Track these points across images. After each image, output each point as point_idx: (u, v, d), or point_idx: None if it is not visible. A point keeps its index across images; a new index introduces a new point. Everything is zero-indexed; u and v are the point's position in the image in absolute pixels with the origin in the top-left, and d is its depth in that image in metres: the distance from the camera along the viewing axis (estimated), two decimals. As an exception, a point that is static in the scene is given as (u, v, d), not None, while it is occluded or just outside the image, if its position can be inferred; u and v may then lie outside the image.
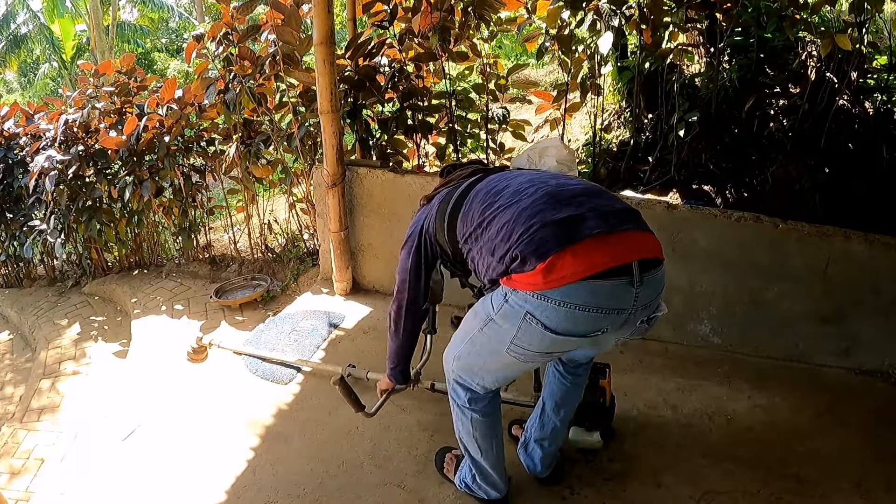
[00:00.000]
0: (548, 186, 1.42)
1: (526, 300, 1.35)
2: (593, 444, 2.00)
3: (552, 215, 1.33)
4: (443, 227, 1.62)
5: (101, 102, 4.11)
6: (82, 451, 2.63)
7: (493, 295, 1.47)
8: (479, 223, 1.47)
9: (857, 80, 3.33)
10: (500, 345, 1.45)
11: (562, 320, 1.31)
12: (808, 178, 3.19)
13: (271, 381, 2.58)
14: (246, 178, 3.94)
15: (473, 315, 1.55)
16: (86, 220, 4.23)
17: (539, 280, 1.30)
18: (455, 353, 1.62)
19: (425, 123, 3.65)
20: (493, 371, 1.56)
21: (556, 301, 1.30)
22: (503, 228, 1.39)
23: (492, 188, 1.52)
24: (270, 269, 4.18)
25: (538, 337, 1.36)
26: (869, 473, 1.94)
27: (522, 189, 1.44)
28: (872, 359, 2.51)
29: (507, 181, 1.51)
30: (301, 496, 1.96)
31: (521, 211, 1.37)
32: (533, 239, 1.31)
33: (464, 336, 1.58)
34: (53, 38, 14.42)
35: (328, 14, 2.76)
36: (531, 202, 1.38)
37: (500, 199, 1.46)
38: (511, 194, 1.44)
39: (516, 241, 1.34)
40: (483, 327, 1.49)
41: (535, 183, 1.45)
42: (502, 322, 1.42)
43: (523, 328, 1.37)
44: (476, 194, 1.55)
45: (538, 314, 1.33)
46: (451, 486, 1.95)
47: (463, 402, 1.67)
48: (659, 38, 3.20)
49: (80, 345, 3.85)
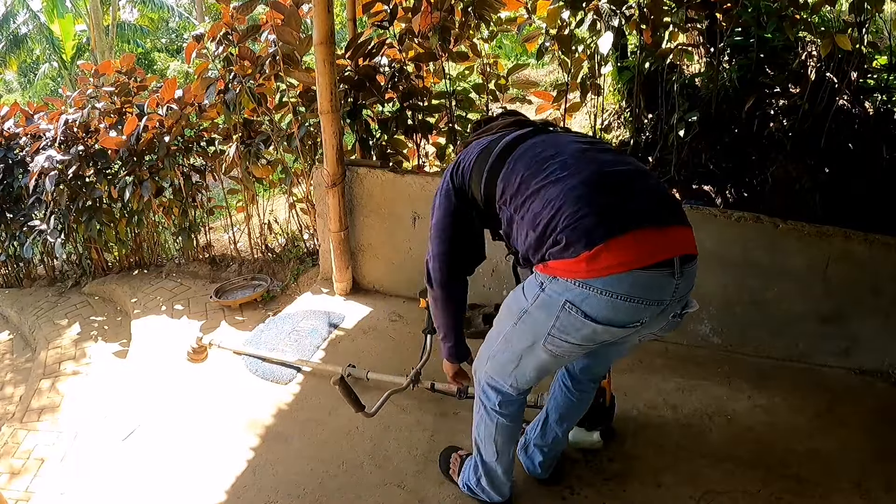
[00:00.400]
0: (597, 164, 1.36)
1: (566, 288, 1.31)
2: (593, 444, 2.00)
3: (601, 200, 1.29)
4: (480, 179, 1.52)
5: (101, 102, 4.11)
6: (82, 451, 2.63)
7: (525, 286, 1.44)
8: (522, 191, 1.40)
9: (857, 80, 3.33)
10: (536, 338, 1.40)
11: (603, 309, 1.28)
12: (808, 178, 3.19)
13: (271, 381, 2.58)
14: (246, 178, 3.94)
15: (507, 312, 1.50)
16: (86, 220, 4.23)
17: (582, 268, 1.26)
18: (489, 354, 1.57)
19: (425, 123, 3.65)
20: (527, 369, 1.50)
21: (599, 290, 1.27)
22: (548, 205, 1.32)
23: (539, 153, 1.43)
24: (270, 269, 4.18)
25: (577, 326, 1.32)
26: (869, 473, 1.94)
27: (571, 163, 1.37)
28: (872, 359, 2.51)
29: (555, 148, 1.43)
30: (301, 496, 1.96)
31: (570, 190, 1.31)
32: (580, 224, 1.27)
33: (497, 334, 1.53)
34: (53, 38, 14.43)
35: (328, 14, 2.76)
36: (580, 181, 1.32)
37: (547, 170, 1.38)
38: (559, 166, 1.37)
39: (562, 222, 1.29)
40: (517, 322, 1.44)
41: (585, 157, 1.39)
42: (538, 312, 1.38)
43: (562, 317, 1.33)
44: (521, 156, 1.45)
45: (578, 302, 1.30)
46: (451, 486, 1.95)
47: (493, 406, 1.61)
48: (659, 38, 3.20)
49: (80, 345, 3.85)
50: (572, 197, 1.30)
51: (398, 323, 3.01)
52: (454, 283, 1.67)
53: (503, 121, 1.69)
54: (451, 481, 1.94)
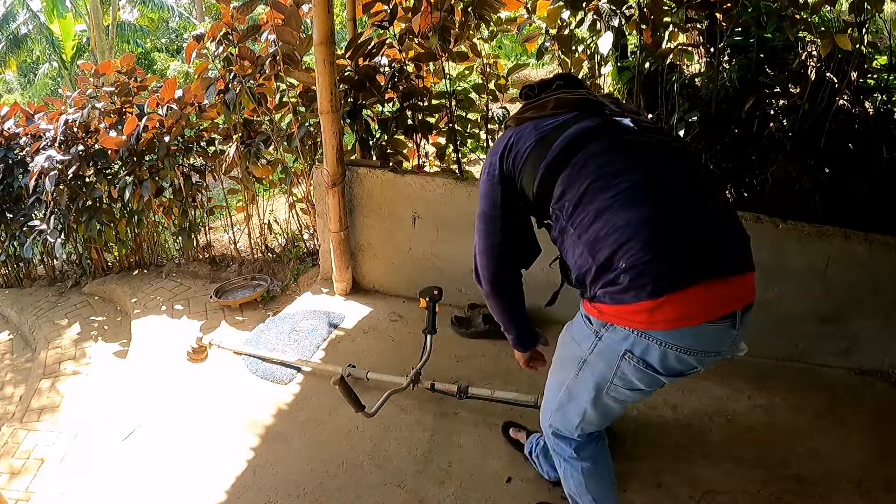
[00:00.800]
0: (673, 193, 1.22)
1: (624, 337, 1.23)
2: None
3: (672, 244, 1.17)
4: (534, 175, 1.33)
5: (101, 102, 4.10)
6: (82, 451, 2.63)
7: (575, 331, 1.36)
8: (585, 204, 1.24)
9: (857, 80, 3.33)
10: (599, 387, 1.33)
11: (664, 360, 1.22)
12: (808, 178, 3.19)
13: (271, 381, 2.58)
14: (246, 178, 3.94)
15: (563, 361, 1.43)
16: (86, 220, 4.23)
17: (643, 318, 1.18)
18: (553, 407, 1.48)
19: (425, 123, 3.65)
20: (593, 417, 1.42)
21: (659, 341, 1.19)
22: (614, 233, 1.19)
23: (610, 162, 1.26)
24: (270, 269, 4.18)
25: (638, 376, 1.26)
26: (869, 473, 1.95)
27: (645, 186, 1.22)
28: (872, 359, 2.51)
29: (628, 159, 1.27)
30: (301, 496, 1.96)
31: (640, 224, 1.17)
32: (647, 269, 1.15)
33: (558, 387, 1.45)
34: (53, 38, 14.43)
35: (328, 14, 2.76)
36: (652, 214, 1.18)
37: (617, 186, 1.22)
38: (631, 187, 1.21)
39: (626, 260, 1.17)
40: (578, 373, 1.36)
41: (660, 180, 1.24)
42: (598, 361, 1.30)
43: (623, 367, 1.26)
44: (589, 161, 1.27)
45: (639, 352, 1.22)
46: (451, 486, 1.95)
47: (570, 455, 1.53)
48: (659, 38, 3.20)
49: (80, 345, 3.84)
50: (643, 233, 1.17)
51: (398, 323, 3.01)
52: (505, 278, 1.52)
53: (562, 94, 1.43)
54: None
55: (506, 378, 2.51)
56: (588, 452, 1.53)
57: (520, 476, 1.98)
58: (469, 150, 3.95)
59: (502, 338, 2.75)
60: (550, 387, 1.50)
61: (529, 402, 2.14)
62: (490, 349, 2.72)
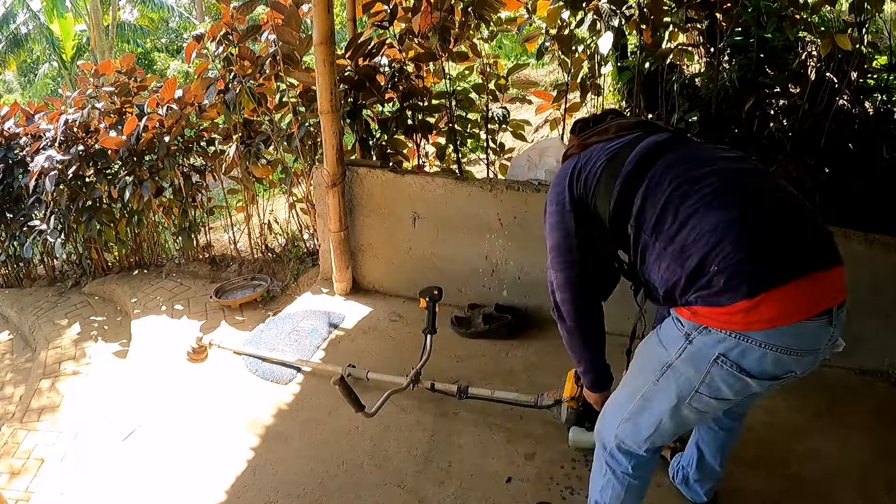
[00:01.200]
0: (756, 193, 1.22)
1: (719, 340, 1.17)
2: (593, 445, 1.99)
3: (764, 242, 1.15)
4: (609, 193, 1.31)
5: (101, 102, 4.10)
6: (82, 451, 2.63)
7: (662, 335, 1.29)
8: (667, 215, 1.23)
9: (857, 80, 3.33)
10: (681, 396, 1.26)
11: (761, 363, 1.17)
12: (808, 178, 3.18)
13: (271, 381, 2.58)
14: (246, 178, 3.94)
15: (642, 367, 1.35)
16: (86, 220, 4.23)
17: (739, 319, 1.14)
18: (622, 416, 1.38)
19: (425, 123, 3.65)
20: (666, 429, 1.34)
21: (758, 342, 1.14)
22: (702, 238, 1.17)
23: (688, 171, 1.25)
24: (270, 269, 4.18)
25: (730, 381, 1.20)
26: (869, 473, 1.94)
27: (728, 189, 1.22)
28: (872, 359, 2.51)
29: (705, 165, 1.26)
30: (301, 496, 1.96)
31: (728, 225, 1.16)
32: (741, 268, 1.13)
33: (632, 394, 1.36)
34: (53, 38, 14.42)
35: (328, 14, 2.76)
36: (740, 215, 1.17)
37: (699, 192, 1.21)
38: (714, 192, 1.21)
39: (719, 262, 1.14)
40: (659, 378, 1.28)
41: (741, 183, 1.24)
42: (685, 367, 1.23)
43: (713, 373, 1.20)
44: (666, 172, 1.26)
45: (734, 356, 1.17)
46: (451, 486, 1.95)
47: (625, 470, 1.44)
48: (659, 38, 3.20)
49: (80, 345, 3.85)
50: (732, 234, 1.15)
51: (398, 323, 3.01)
52: (589, 312, 1.46)
53: (620, 121, 1.46)
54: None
55: (506, 378, 2.51)
56: (645, 471, 1.46)
57: (520, 476, 1.98)
58: (469, 150, 3.95)
59: (502, 338, 2.78)
60: (620, 397, 1.41)
61: (529, 402, 2.13)
62: (490, 349, 2.72)
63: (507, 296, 2.98)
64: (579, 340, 1.51)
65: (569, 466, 2.00)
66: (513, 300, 2.96)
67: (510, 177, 3.02)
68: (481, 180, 3.00)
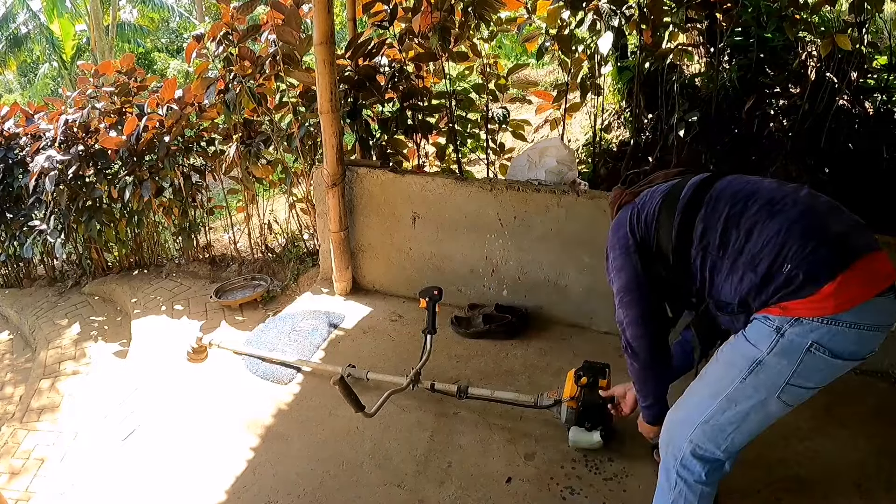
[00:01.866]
0: (801, 197, 1.32)
1: (811, 329, 1.23)
2: (593, 445, 2.00)
3: (827, 230, 1.25)
4: (671, 222, 1.41)
5: (101, 102, 4.11)
6: (82, 451, 2.63)
7: (748, 335, 1.32)
8: (730, 231, 1.32)
9: (857, 80, 3.33)
10: (770, 390, 1.30)
11: (851, 343, 1.24)
12: (808, 178, 3.19)
13: (271, 381, 2.58)
14: (246, 178, 3.94)
15: (727, 368, 1.37)
16: (86, 220, 4.23)
17: (829, 303, 1.21)
18: (698, 419, 1.40)
19: (425, 123, 3.65)
20: (749, 428, 1.37)
21: (848, 323, 1.22)
22: (769, 242, 1.27)
23: (739, 190, 1.37)
24: (270, 269, 4.18)
25: (819, 367, 1.26)
26: (869, 473, 1.95)
27: (779, 198, 1.32)
28: (872, 359, 2.47)
29: (752, 185, 1.38)
30: (301, 496, 1.96)
31: (791, 223, 1.26)
32: (815, 257, 1.22)
33: (714, 394, 1.37)
34: (53, 38, 14.42)
35: (328, 14, 2.76)
36: (799, 214, 1.28)
37: (755, 205, 1.32)
38: (768, 202, 1.32)
39: (792, 257, 1.23)
40: (747, 376, 1.32)
41: (786, 192, 1.34)
42: (777, 361, 1.28)
43: (805, 362, 1.26)
44: (720, 195, 1.38)
45: (826, 341, 1.24)
46: (451, 486, 1.95)
47: (698, 478, 1.44)
48: (659, 38, 3.20)
49: (80, 345, 3.85)
50: (797, 230, 1.25)
51: (398, 323, 3.01)
52: (661, 348, 1.54)
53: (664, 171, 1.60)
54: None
55: (506, 378, 2.51)
56: (717, 477, 1.47)
57: (520, 476, 1.98)
58: (469, 150, 3.95)
59: (502, 338, 2.78)
60: (698, 401, 1.42)
61: (529, 402, 2.14)
62: (490, 349, 2.72)
63: (507, 296, 2.98)
64: (653, 377, 1.57)
65: (569, 466, 2.00)
66: (513, 300, 2.96)
67: (510, 177, 3.02)
68: (481, 180, 3.00)
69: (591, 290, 2.77)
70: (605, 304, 2.70)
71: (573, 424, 2.00)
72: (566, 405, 2.01)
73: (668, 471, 1.50)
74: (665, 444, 1.50)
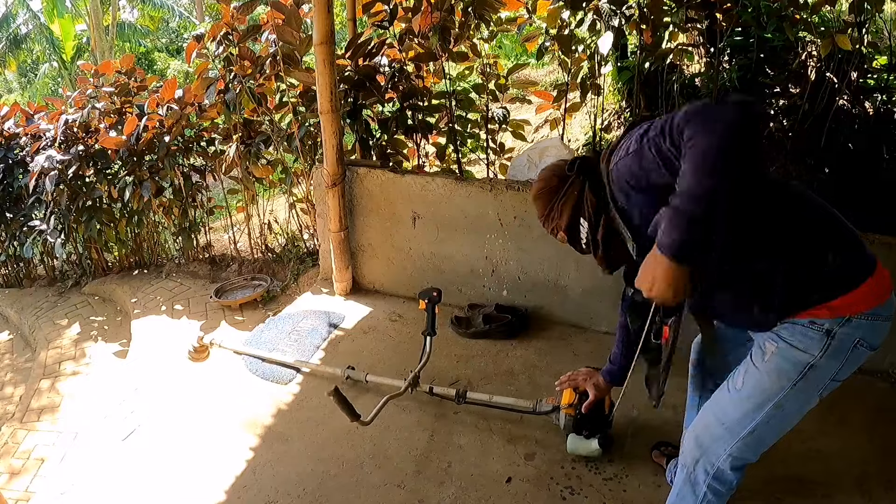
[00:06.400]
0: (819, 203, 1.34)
1: (857, 326, 1.26)
2: (591, 453, 1.97)
3: (850, 232, 1.30)
4: None
5: (101, 102, 4.10)
6: (82, 451, 2.63)
7: (795, 341, 1.29)
8: None
9: (857, 80, 3.34)
10: (817, 389, 1.33)
11: (882, 335, 1.29)
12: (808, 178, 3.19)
13: (271, 381, 2.58)
14: (246, 178, 3.94)
15: (771, 377, 1.33)
16: (86, 220, 4.23)
17: (870, 298, 1.25)
18: (746, 431, 1.38)
19: (425, 123, 3.65)
20: (785, 428, 1.41)
21: (883, 316, 1.27)
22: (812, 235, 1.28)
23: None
24: (270, 269, 4.18)
25: (858, 362, 1.31)
26: (870, 473, 1.94)
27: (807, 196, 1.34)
28: (872, 359, 2.49)
29: None
30: (301, 496, 1.96)
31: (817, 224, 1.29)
32: (851, 256, 1.26)
33: (759, 405, 1.35)
34: (53, 38, 14.43)
35: (328, 14, 2.76)
36: (821, 217, 1.30)
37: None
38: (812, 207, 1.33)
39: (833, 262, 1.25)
40: (797, 381, 1.31)
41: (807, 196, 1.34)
42: (829, 362, 1.29)
43: (850, 358, 1.29)
44: None
45: (869, 336, 1.27)
46: (451, 486, 1.95)
47: (730, 487, 1.47)
48: (659, 38, 3.20)
49: (80, 345, 3.84)
50: (822, 231, 1.28)
51: (398, 323, 3.01)
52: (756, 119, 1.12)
53: None
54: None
55: (506, 378, 2.51)
56: (740, 482, 1.50)
57: (520, 476, 1.98)
58: (469, 150, 3.95)
59: (502, 338, 2.78)
60: (741, 417, 1.38)
61: (528, 408, 2.13)
62: (490, 349, 2.72)
63: (507, 296, 2.98)
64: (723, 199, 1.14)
65: (569, 466, 2.00)
66: (513, 300, 2.96)
67: (510, 177, 3.02)
68: (481, 180, 2.99)
69: (591, 290, 2.77)
70: (606, 304, 2.71)
71: (571, 432, 1.99)
72: (564, 412, 1.99)
73: (697, 484, 1.48)
74: (693, 459, 1.48)
